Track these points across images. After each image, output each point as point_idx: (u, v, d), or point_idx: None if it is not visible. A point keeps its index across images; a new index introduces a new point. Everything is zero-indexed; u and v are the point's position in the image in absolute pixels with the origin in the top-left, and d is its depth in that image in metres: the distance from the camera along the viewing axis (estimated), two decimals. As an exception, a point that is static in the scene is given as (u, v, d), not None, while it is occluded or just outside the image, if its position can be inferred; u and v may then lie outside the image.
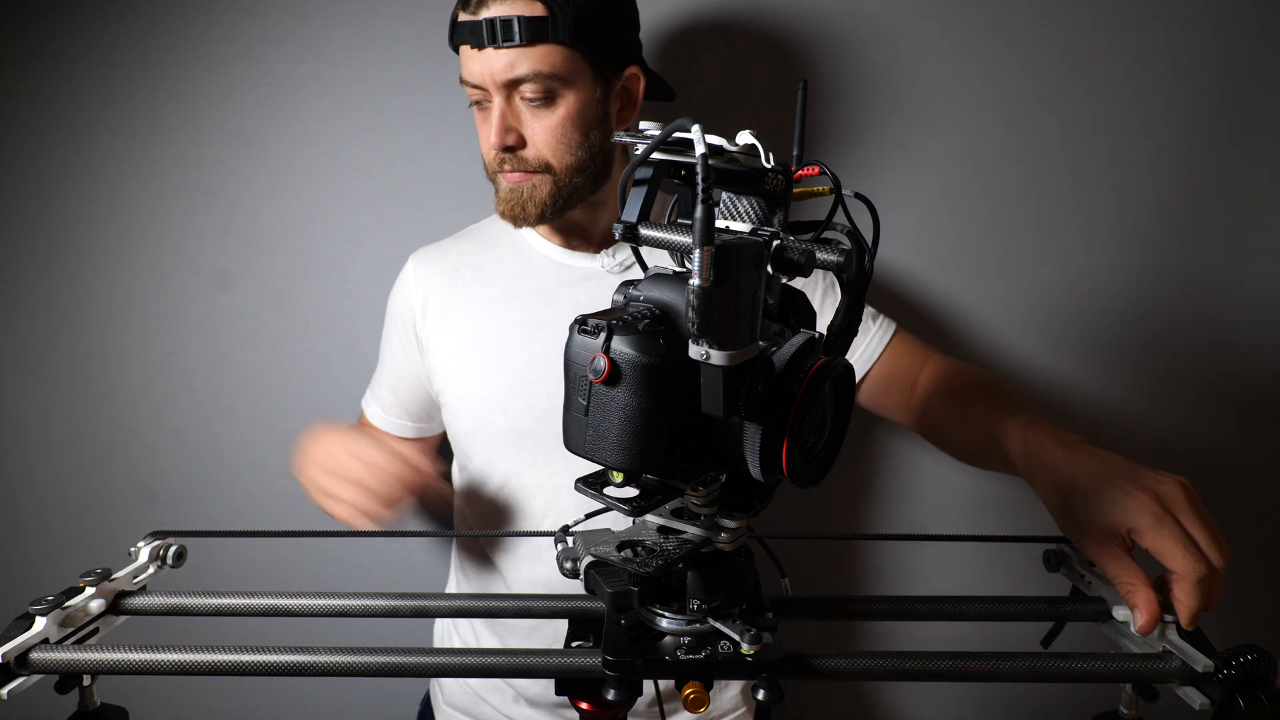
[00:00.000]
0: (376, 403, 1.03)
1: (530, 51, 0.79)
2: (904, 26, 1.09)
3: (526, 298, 0.93)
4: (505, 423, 0.91)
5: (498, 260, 0.96)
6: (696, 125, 0.41)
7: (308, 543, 1.15)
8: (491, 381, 0.92)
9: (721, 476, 0.50)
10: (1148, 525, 0.56)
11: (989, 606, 0.61)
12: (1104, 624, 0.61)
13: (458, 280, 0.96)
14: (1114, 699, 0.60)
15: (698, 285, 0.39)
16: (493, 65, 0.80)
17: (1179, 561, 0.55)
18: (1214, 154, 1.12)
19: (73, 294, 1.15)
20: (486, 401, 0.92)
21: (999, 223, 1.15)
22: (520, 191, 0.86)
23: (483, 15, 0.79)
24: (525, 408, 0.90)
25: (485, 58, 0.80)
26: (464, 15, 0.81)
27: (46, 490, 1.20)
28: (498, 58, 0.80)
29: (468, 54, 0.82)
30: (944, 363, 0.95)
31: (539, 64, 0.80)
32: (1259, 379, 1.19)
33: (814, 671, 0.53)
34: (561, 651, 0.54)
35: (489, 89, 0.82)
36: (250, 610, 0.61)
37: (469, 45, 0.81)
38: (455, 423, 0.95)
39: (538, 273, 0.94)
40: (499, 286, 0.95)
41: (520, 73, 0.80)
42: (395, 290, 1.01)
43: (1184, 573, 0.55)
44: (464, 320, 0.94)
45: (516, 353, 0.91)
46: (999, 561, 1.20)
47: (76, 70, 1.08)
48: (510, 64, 0.80)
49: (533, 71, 0.80)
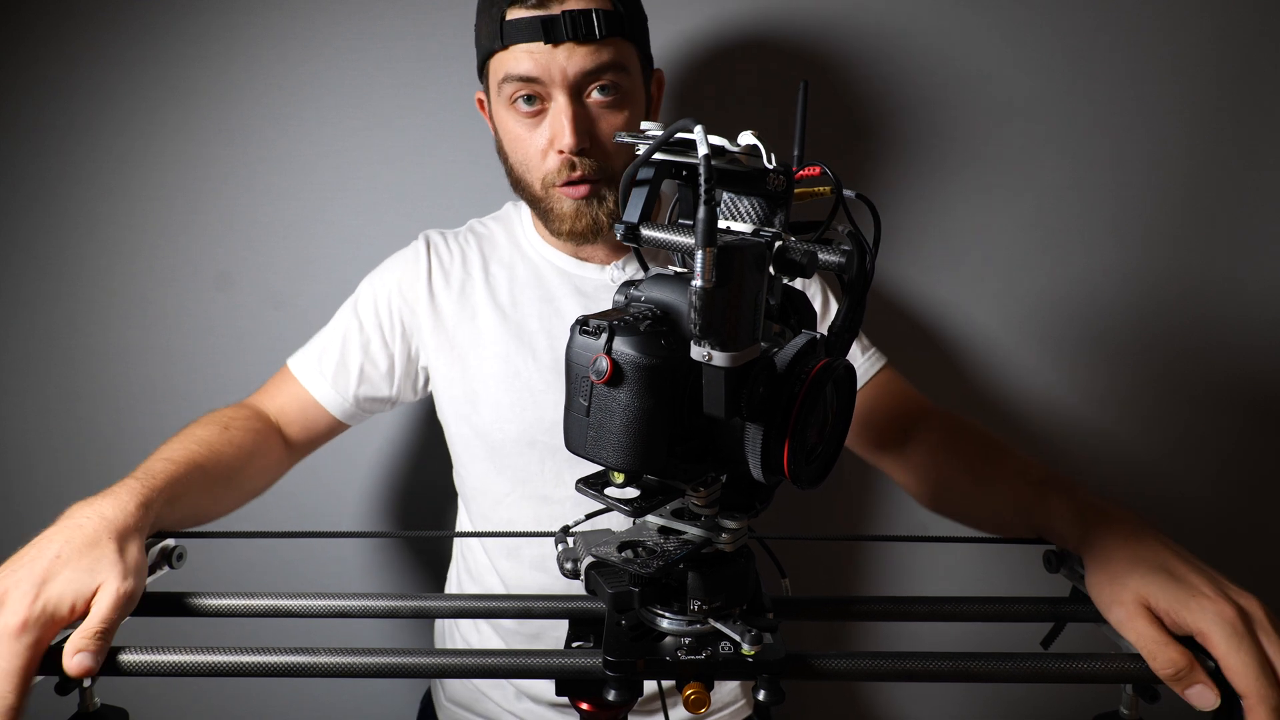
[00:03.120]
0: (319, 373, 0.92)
1: (606, 46, 0.77)
2: (904, 26, 1.09)
3: (535, 305, 0.91)
4: (514, 432, 0.89)
5: (506, 265, 0.94)
6: (699, 126, 0.41)
7: (308, 543, 1.15)
8: (500, 390, 0.89)
9: (722, 477, 0.50)
10: (1224, 635, 0.51)
11: (989, 607, 0.61)
12: (1104, 625, 0.61)
13: (469, 282, 0.93)
14: (1114, 700, 0.60)
15: (700, 286, 0.39)
16: (567, 62, 0.76)
17: (1253, 684, 0.50)
18: (1214, 154, 1.12)
19: (73, 294, 1.15)
20: (496, 409, 0.90)
21: (999, 223, 1.15)
22: (591, 207, 0.82)
23: (556, 9, 0.75)
24: (535, 419, 0.88)
25: (557, 54, 0.76)
26: (523, 11, 0.76)
27: (46, 490, 1.20)
28: (574, 53, 0.76)
29: (527, 51, 0.77)
30: (948, 416, 0.87)
31: (617, 57, 0.78)
32: (1259, 379, 1.19)
33: (814, 672, 0.53)
34: (562, 652, 0.54)
35: (554, 87, 0.78)
36: (250, 611, 0.60)
37: (536, 42, 0.76)
38: (459, 429, 0.93)
39: (546, 281, 0.92)
40: (508, 293, 0.92)
41: (597, 65, 0.77)
42: (398, 266, 0.94)
43: (1260, 698, 0.50)
44: (473, 325, 0.92)
45: (526, 362, 0.90)
46: (999, 562, 1.20)
47: (76, 70, 1.08)
48: (588, 58, 0.76)
49: (612, 63, 0.77)
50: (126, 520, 0.60)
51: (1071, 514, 0.64)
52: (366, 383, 0.92)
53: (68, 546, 0.57)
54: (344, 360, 0.92)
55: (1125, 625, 0.55)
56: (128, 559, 0.58)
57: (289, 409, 0.91)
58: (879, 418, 0.91)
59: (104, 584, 0.55)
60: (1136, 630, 0.54)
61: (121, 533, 0.59)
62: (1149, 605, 0.54)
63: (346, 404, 0.92)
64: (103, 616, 0.54)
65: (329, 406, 0.92)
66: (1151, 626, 0.53)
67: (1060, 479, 0.69)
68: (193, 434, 0.78)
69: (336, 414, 0.92)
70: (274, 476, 0.87)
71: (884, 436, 0.90)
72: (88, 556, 0.56)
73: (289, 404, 0.91)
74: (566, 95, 0.78)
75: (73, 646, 0.52)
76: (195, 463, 0.72)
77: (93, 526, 0.58)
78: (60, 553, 0.56)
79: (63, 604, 0.54)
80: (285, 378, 0.93)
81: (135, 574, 0.57)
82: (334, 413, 0.92)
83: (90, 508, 0.60)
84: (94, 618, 0.54)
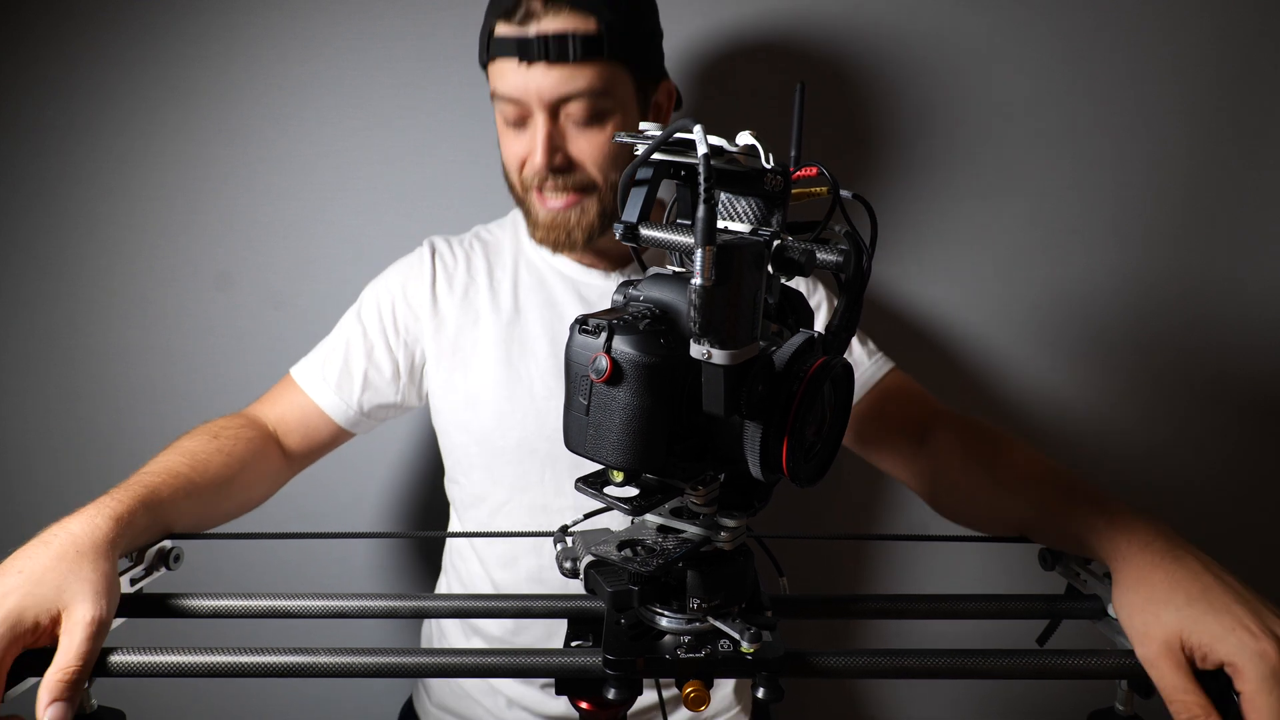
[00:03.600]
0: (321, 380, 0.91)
1: (582, 70, 0.77)
2: (904, 27, 1.09)
3: (539, 311, 0.91)
4: (515, 439, 0.89)
5: (510, 271, 0.94)
6: (698, 126, 0.41)
7: (306, 544, 1.15)
8: (501, 395, 0.89)
9: (721, 476, 0.51)
10: (1258, 675, 0.49)
11: (986, 604, 0.61)
12: (1100, 621, 0.61)
13: (472, 287, 0.93)
14: (1110, 696, 0.60)
15: (700, 285, 0.40)
16: (541, 83, 0.77)
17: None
18: (1214, 154, 1.12)
19: (73, 294, 1.15)
20: (497, 415, 0.89)
21: (999, 223, 1.15)
22: (567, 219, 0.83)
23: (533, 30, 0.76)
24: (536, 426, 0.88)
25: (532, 74, 0.77)
26: (507, 29, 0.77)
27: (46, 490, 1.20)
28: (548, 75, 0.76)
29: (508, 68, 0.78)
30: (961, 418, 0.84)
31: (592, 82, 0.77)
32: (1259, 379, 1.19)
33: (813, 670, 0.53)
34: (561, 651, 0.54)
35: (532, 106, 0.79)
36: (248, 612, 0.60)
37: (514, 59, 0.77)
38: (458, 436, 0.92)
39: (550, 287, 0.92)
40: (512, 298, 0.92)
41: (571, 91, 0.77)
42: (402, 271, 0.95)
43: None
44: (475, 330, 0.91)
45: (528, 368, 0.89)
46: (995, 560, 1.20)
47: (76, 70, 1.08)
48: (560, 82, 0.77)
49: (586, 89, 0.77)
50: (95, 535, 0.58)
51: (1104, 526, 0.60)
52: (371, 389, 0.92)
53: (31, 562, 0.56)
54: (348, 366, 0.91)
55: (1152, 664, 0.53)
56: (95, 574, 0.56)
57: (289, 417, 0.90)
58: (890, 421, 0.89)
59: (72, 607, 0.54)
60: (1162, 674, 0.52)
61: (89, 548, 0.57)
62: (1182, 642, 0.52)
63: (350, 411, 0.91)
64: (78, 653, 0.52)
65: (332, 413, 0.91)
66: (1178, 673, 0.51)
67: (1088, 487, 0.66)
68: (177, 446, 0.77)
69: (340, 421, 0.91)
70: (271, 486, 0.86)
71: (897, 441, 0.88)
72: (53, 572, 0.55)
73: (289, 412, 0.90)
74: (544, 114, 0.79)
75: (48, 694, 0.51)
76: (177, 473, 0.71)
77: (59, 543, 0.57)
78: (24, 568, 0.55)
79: (25, 619, 0.53)
80: (287, 386, 0.92)
81: (105, 592, 0.56)
82: (337, 420, 0.91)
83: (59, 525, 0.60)
84: (68, 655, 0.52)
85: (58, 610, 0.54)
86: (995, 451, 0.77)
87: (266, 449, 0.85)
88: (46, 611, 0.53)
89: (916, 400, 0.90)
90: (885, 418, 0.89)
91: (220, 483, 0.75)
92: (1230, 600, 0.52)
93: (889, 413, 0.90)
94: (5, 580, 0.55)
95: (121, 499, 0.63)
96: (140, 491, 0.65)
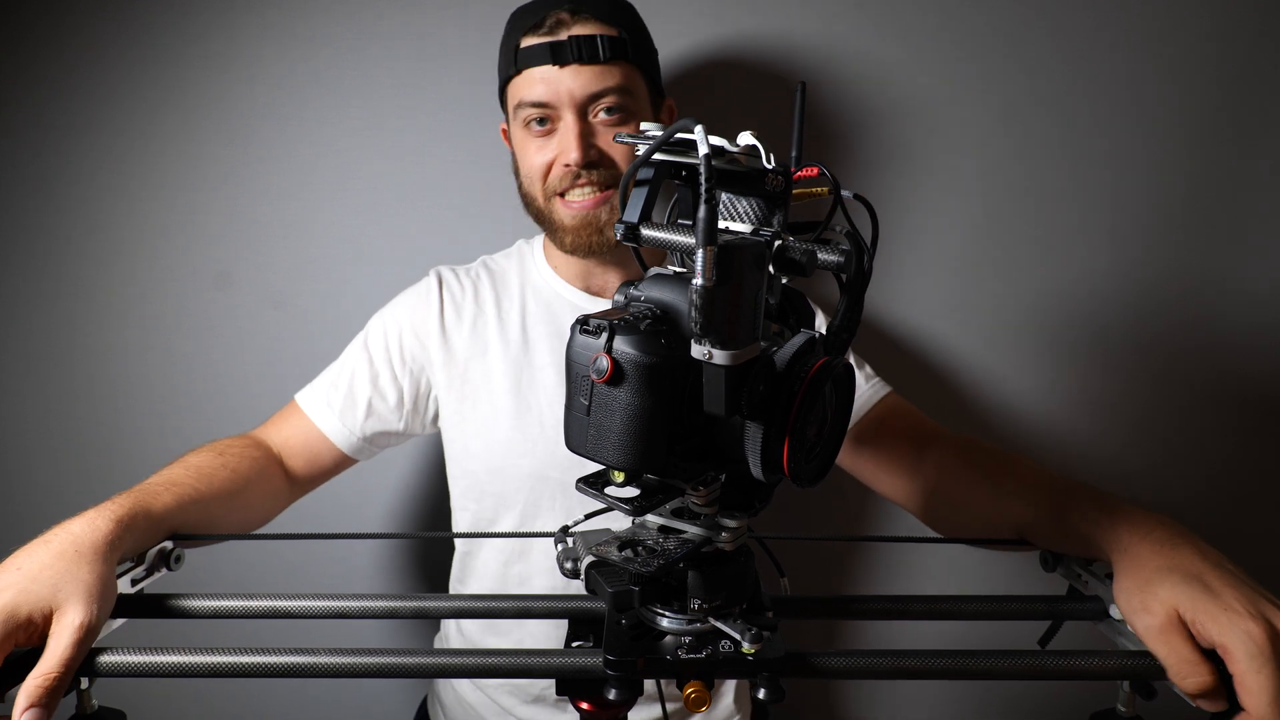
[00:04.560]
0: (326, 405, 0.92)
1: (610, 69, 0.83)
2: (903, 27, 1.09)
3: (547, 340, 0.93)
4: (526, 468, 0.90)
5: (518, 300, 0.95)
6: (699, 126, 0.41)
7: (307, 544, 1.15)
8: (510, 425, 0.90)
9: (722, 476, 0.51)
10: (1247, 654, 0.49)
11: (987, 606, 0.61)
12: (1101, 622, 0.61)
13: (480, 318, 0.94)
14: (1111, 697, 0.60)
15: (701, 285, 0.40)
16: (573, 83, 0.82)
17: (1265, 709, 0.49)
18: (1214, 154, 1.12)
19: (73, 294, 1.15)
20: (507, 444, 0.90)
21: (999, 223, 1.15)
22: (598, 216, 0.86)
23: (564, 35, 0.82)
24: (546, 454, 0.89)
25: (564, 75, 0.82)
26: (535, 39, 0.83)
27: (46, 490, 1.20)
28: (579, 75, 0.82)
29: (538, 74, 0.83)
30: (957, 437, 0.85)
31: (620, 80, 0.84)
32: (1258, 379, 1.19)
33: (814, 670, 0.53)
34: (562, 651, 0.54)
35: (562, 108, 0.83)
36: (249, 612, 0.60)
37: (547, 65, 0.82)
38: (469, 465, 0.93)
39: (558, 316, 0.94)
40: (520, 327, 0.94)
41: (602, 88, 0.83)
42: (410, 302, 0.96)
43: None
44: (485, 360, 0.93)
45: (537, 396, 0.90)
46: (997, 561, 1.20)
47: (76, 70, 1.08)
48: (592, 80, 0.82)
49: (615, 86, 0.83)
50: (95, 536, 0.59)
51: (1106, 520, 0.61)
52: (374, 416, 0.93)
53: (30, 560, 0.56)
54: (352, 394, 0.93)
55: (1154, 637, 0.53)
56: (91, 576, 0.56)
57: (293, 441, 0.92)
58: (887, 442, 0.89)
59: (64, 608, 0.54)
60: (1168, 645, 0.52)
61: (88, 549, 0.58)
62: (1179, 615, 0.52)
63: (353, 438, 0.92)
64: (61, 660, 0.51)
65: (335, 440, 0.92)
66: (1185, 644, 0.52)
67: (1086, 486, 0.67)
68: (183, 460, 0.78)
69: (343, 447, 0.92)
70: (273, 507, 0.87)
71: (894, 459, 0.88)
72: (50, 570, 0.55)
73: (294, 436, 0.92)
74: (574, 114, 0.83)
75: (26, 698, 0.50)
76: (181, 483, 0.72)
77: (59, 542, 0.58)
78: (22, 565, 0.56)
79: (19, 614, 0.53)
80: (292, 411, 0.94)
81: (99, 596, 0.55)
82: (340, 446, 0.92)
83: (60, 526, 0.60)
84: (51, 661, 0.51)
85: (51, 608, 0.54)
86: (995, 464, 0.77)
87: (270, 470, 0.86)
88: (40, 608, 0.54)
89: (914, 422, 0.91)
90: (882, 439, 0.90)
91: (223, 496, 0.76)
92: (1224, 583, 0.53)
93: (886, 434, 0.90)
94: (3, 576, 0.55)
95: (124, 503, 0.64)
96: (143, 498, 0.66)
